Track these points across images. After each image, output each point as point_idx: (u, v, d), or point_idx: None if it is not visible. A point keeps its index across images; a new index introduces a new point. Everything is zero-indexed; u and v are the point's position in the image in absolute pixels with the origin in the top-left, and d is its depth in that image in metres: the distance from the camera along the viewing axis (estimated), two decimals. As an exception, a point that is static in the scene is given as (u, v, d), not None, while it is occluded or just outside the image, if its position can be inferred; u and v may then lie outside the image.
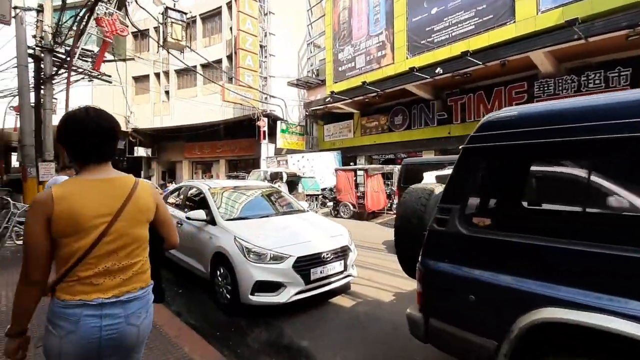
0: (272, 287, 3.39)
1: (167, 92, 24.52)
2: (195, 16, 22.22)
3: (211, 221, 4.10)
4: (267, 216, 4.41)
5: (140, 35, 25.85)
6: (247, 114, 19.23)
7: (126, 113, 24.23)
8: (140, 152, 25.29)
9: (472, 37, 10.67)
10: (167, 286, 4.68)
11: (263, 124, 17.45)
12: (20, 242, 5.82)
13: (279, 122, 18.42)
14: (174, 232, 1.60)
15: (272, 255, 3.44)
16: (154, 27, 24.57)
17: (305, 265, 3.50)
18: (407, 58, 12.76)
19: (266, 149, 18.05)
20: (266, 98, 18.47)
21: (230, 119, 20.62)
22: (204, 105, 21.91)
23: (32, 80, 11.31)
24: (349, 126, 18.51)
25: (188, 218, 4.18)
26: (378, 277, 4.78)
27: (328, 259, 3.68)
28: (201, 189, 4.70)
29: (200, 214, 4.13)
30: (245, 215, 4.30)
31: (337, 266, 3.78)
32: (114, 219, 1.26)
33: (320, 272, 3.61)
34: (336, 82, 15.90)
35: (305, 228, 4.10)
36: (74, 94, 20.13)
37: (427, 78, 12.02)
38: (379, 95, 14.25)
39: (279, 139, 18.42)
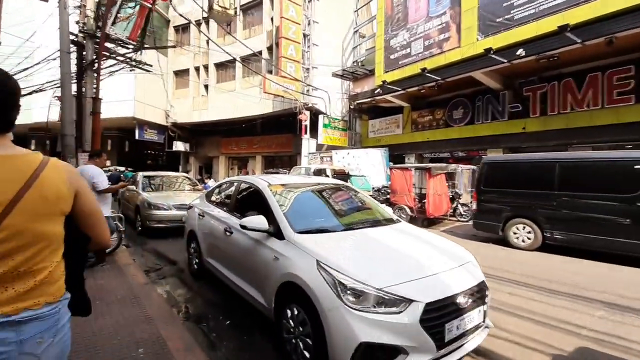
0: (386, 354, 2.05)
1: (206, 87, 24.16)
2: (236, 7, 21.57)
3: (276, 233, 2.85)
4: (352, 227, 3.07)
5: (182, 29, 25.79)
6: (287, 108, 18.18)
7: (166, 107, 24.20)
8: (179, 146, 25.20)
9: (569, 10, 8.73)
10: (212, 313, 3.51)
11: (305, 117, 16.28)
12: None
13: (321, 116, 17.18)
14: (102, 228, 1.29)
15: (384, 299, 2.10)
16: (195, 21, 24.38)
17: (438, 316, 2.12)
18: (477, 40, 10.98)
19: (307, 144, 16.88)
20: (308, 90, 17.29)
21: (269, 113, 19.70)
22: (242, 100, 21.24)
23: (74, 68, 10.81)
24: (397, 121, 16.88)
25: (243, 227, 2.95)
26: (512, 323, 3.29)
27: (465, 306, 2.28)
28: (257, 186, 3.48)
29: (260, 222, 2.89)
30: (323, 226, 2.99)
31: (475, 316, 2.37)
32: (6, 211, 0.98)
33: (457, 328, 2.22)
34: (387, 72, 14.37)
35: (418, 250, 2.71)
36: (115, 85, 20.18)
37: (503, 62, 10.18)
38: (438, 85, 12.55)
39: (321, 134, 17.18)
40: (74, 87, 10.06)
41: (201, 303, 3.86)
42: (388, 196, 10.93)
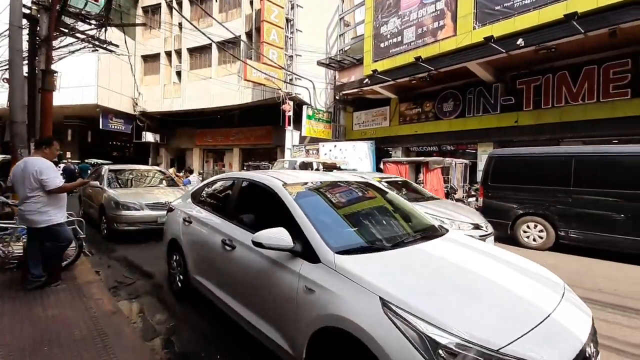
0: None
1: (178, 74, 22.45)
2: (211, -12, 20.05)
3: (306, 253, 2.05)
4: (403, 242, 2.32)
5: (151, 10, 23.76)
6: (269, 98, 17.11)
7: (134, 94, 22.29)
8: (149, 137, 23.37)
9: (572, -2, 8.39)
10: (206, 352, 2.66)
11: (289, 107, 15.32)
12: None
13: (305, 107, 16.27)
14: None
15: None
16: (167, 1, 22.49)
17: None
18: (474, 29, 10.49)
19: (291, 136, 15.94)
20: (291, 79, 16.29)
21: (249, 103, 18.52)
22: (219, 88, 19.88)
23: (26, 46, 9.22)
24: (383, 113, 16.31)
25: (257, 244, 2.11)
26: None
27: (593, 358, 1.61)
28: (269, 187, 2.63)
29: (281, 237, 2.08)
30: (370, 242, 2.22)
31: (597, 368, 1.71)
32: None
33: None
34: (377, 61, 13.68)
35: (501, 274, 1.99)
36: (76, 69, 18.17)
37: (501, 52, 9.77)
38: (430, 76, 12.03)
39: (304, 125, 16.28)
40: (26, 69, 8.59)
41: (189, 336, 2.98)
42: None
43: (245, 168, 15.03)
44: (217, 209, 3.27)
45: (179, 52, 22.35)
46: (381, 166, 10.09)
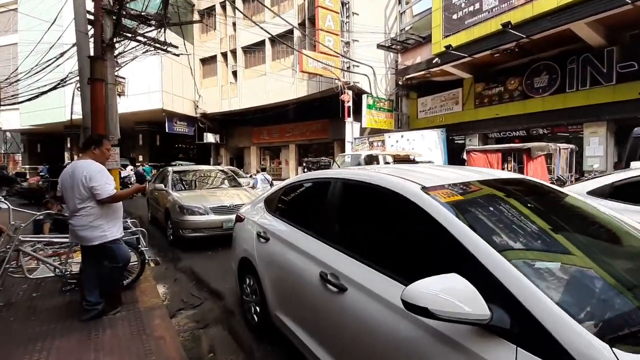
0: None
1: (234, 73, 22.66)
2: (263, -18, 19.67)
3: (524, 335, 1.00)
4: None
5: (207, 13, 24.29)
6: (326, 89, 16.23)
7: (195, 97, 23.02)
8: (209, 138, 24.07)
9: None
10: None
11: (348, 97, 14.24)
12: (34, 276, 3.45)
13: (364, 96, 15.05)
14: None
15: None
16: (220, 3, 22.79)
17: None
18: (582, -22, 8.39)
19: (351, 128, 14.87)
20: (349, 67, 15.17)
21: (306, 97, 17.84)
22: (274, 84, 19.57)
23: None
24: (455, 97, 14.42)
25: (415, 309, 1.10)
26: None
27: None
28: (401, 193, 1.59)
29: (465, 296, 1.04)
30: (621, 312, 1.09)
31: None
32: None
33: None
34: (448, 36, 11.96)
35: None
36: (142, 74, 19.07)
37: (625, 3, 7.60)
38: (519, 46, 10.07)
39: (365, 116, 15.08)
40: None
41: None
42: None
43: (304, 165, 14.32)
44: (304, 223, 2.35)
45: (234, 52, 22.52)
46: (464, 157, 8.58)
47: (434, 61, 12.70)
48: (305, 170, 13.79)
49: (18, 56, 23.01)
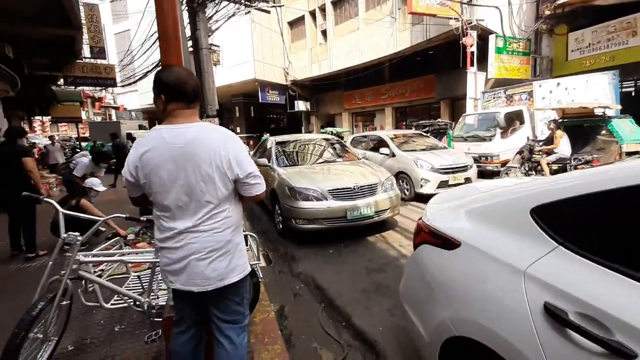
0: None
1: (324, 33, 20.80)
2: None
3: None
4: None
5: (292, -30, 22.50)
6: (432, 37, 13.24)
7: (285, 64, 22.11)
8: (300, 106, 23.23)
9: None
10: None
11: (472, 40, 11.10)
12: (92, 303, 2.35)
13: (491, 37, 11.63)
14: None
15: None
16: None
17: None
18: None
19: (474, 80, 11.76)
20: (469, 0, 11.79)
21: (409, 49, 15.07)
22: (368, 40, 17.21)
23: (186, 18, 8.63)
24: (630, 26, 10.01)
25: None
26: None
27: None
28: None
29: None
30: None
31: None
32: None
33: None
34: None
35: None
36: (233, 43, 18.70)
37: None
38: None
39: (492, 64, 11.72)
40: (189, 44, 8.02)
41: None
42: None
43: (413, 129, 11.89)
44: None
45: (322, 9, 20.51)
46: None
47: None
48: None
49: (132, 41, 25.29)
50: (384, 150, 7.27)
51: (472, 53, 11.37)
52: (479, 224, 1.44)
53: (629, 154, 5.96)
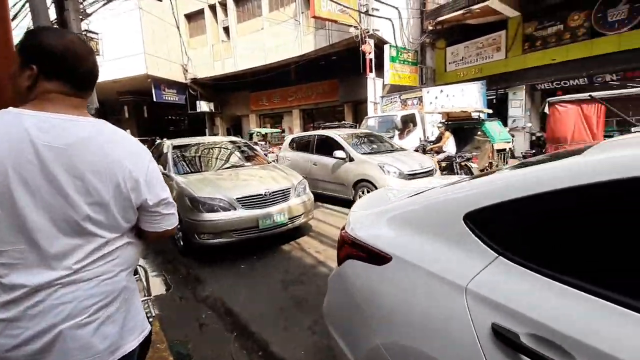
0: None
1: (226, 30, 19.74)
2: None
3: None
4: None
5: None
6: (335, 42, 13.81)
7: (183, 60, 20.21)
8: (203, 106, 21.55)
9: None
10: None
11: (370, 48, 11.87)
12: None
13: (386, 47, 12.68)
14: None
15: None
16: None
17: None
18: None
19: (373, 86, 12.61)
20: (367, 11, 12.63)
21: (313, 52, 15.37)
22: (273, 40, 17.02)
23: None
24: (496, 42, 12.17)
25: None
26: None
27: None
28: None
29: None
30: None
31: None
32: None
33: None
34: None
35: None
36: (118, 33, 16.26)
37: None
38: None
39: (387, 71, 12.80)
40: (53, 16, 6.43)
41: None
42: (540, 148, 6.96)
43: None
44: None
45: (223, 4, 19.45)
46: (545, 110, 6.66)
47: (478, -6, 10.31)
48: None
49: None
50: (338, 153, 6.14)
51: (371, 60, 12.18)
52: (411, 233, 1.28)
53: (499, 151, 7.09)
